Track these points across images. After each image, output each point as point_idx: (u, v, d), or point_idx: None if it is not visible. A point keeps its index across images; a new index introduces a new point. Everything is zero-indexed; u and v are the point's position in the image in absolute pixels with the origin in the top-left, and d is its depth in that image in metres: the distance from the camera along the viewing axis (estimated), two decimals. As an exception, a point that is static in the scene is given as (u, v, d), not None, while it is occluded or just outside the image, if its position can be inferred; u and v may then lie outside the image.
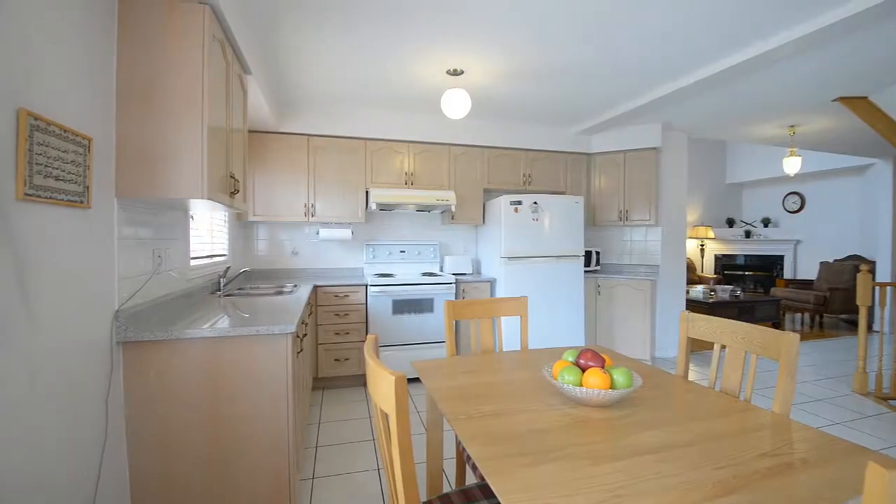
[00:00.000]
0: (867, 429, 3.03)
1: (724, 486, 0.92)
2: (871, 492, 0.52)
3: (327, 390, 3.71)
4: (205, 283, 2.78)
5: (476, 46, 2.75)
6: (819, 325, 6.64)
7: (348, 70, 3.15)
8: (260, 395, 1.85)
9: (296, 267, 4.22)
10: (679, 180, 4.81)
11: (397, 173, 4.13)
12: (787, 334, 1.39)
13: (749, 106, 3.96)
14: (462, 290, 4.05)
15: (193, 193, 1.80)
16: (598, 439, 1.12)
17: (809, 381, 4.02)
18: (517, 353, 1.98)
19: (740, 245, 8.63)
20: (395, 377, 0.93)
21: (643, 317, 4.36)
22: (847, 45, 2.73)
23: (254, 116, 3.41)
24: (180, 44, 1.78)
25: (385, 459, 1.10)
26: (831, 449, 1.09)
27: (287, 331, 1.85)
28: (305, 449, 2.68)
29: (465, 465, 1.85)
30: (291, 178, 3.85)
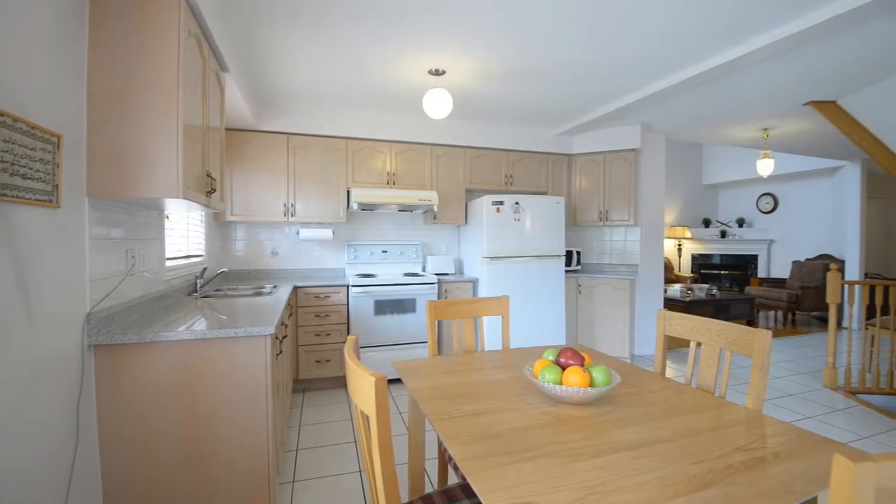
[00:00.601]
0: (837, 422, 3.13)
1: (700, 480, 0.94)
2: (838, 483, 0.54)
3: (308, 392, 3.66)
4: (181, 284, 2.72)
5: (457, 46, 2.76)
6: (792, 322, 6.84)
7: (329, 68, 3.12)
8: (238, 399, 1.82)
9: (275, 268, 4.16)
10: (657, 181, 4.90)
11: (379, 173, 4.11)
12: (759, 332, 1.43)
13: (724, 109, 4.06)
14: (444, 290, 4.05)
15: (168, 193, 1.76)
16: (577, 437, 1.13)
17: (782, 377, 4.13)
18: (499, 352, 1.99)
19: (716, 245, 8.84)
20: (376, 378, 0.92)
21: (623, 315, 4.43)
22: (817, 51, 2.82)
23: (232, 114, 3.36)
24: (155, 39, 1.73)
25: (366, 461, 1.09)
26: (802, 443, 1.12)
27: (266, 332, 1.82)
28: (286, 452, 2.64)
29: (448, 465, 1.85)
30: (271, 177, 3.80)
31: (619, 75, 3.24)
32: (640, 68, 3.10)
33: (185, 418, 1.75)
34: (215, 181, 2.30)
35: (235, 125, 3.64)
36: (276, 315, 2.07)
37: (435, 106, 3.12)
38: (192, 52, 1.91)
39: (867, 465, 0.52)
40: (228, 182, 3.67)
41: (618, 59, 2.95)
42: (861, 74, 3.21)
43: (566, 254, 4.69)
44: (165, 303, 2.39)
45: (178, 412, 1.75)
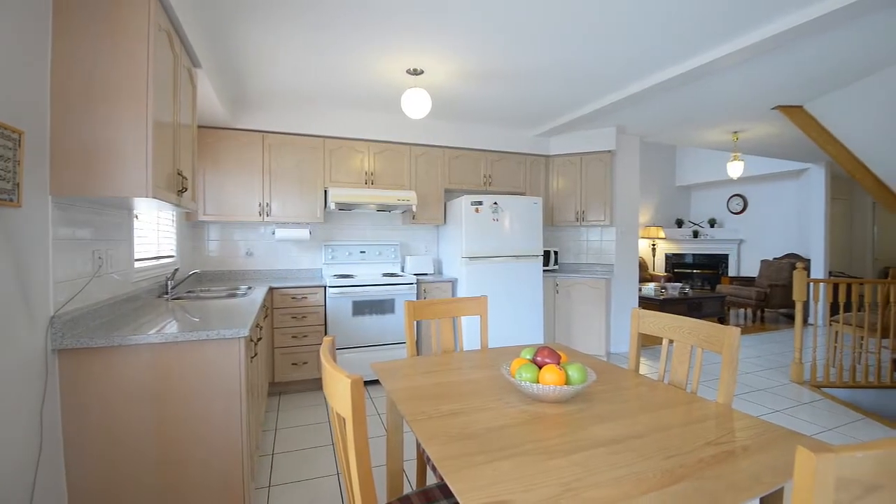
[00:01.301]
0: (803, 415, 3.25)
1: (672, 475, 0.96)
2: (801, 474, 0.56)
3: (284, 395, 3.61)
4: (151, 286, 2.64)
5: (436, 46, 2.76)
6: (760, 319, 7.07)
7: (305, 66, 3.08)
8: (211, 403, 1.78)
9: (250, 268, 4.08)
10: (632, 182, 5.00)
11: (357, 172, 4.07)
12: (728, 328, 1.47)
13: (696, 112, 4.16)
14: (423, 290, 4.04)
15: (137, 192, 1.71)
16: (553, 434, 1.14)
17: (751, 372, 4.26)
18: (477, 352, 2.00)
19: (689, 244, 9.07)
20: (352, 380, 0.91)
21: (599, 314, 4.50)
22: (784, 57, 2.91)
23: (205, 112, 3.28)
24: (123, 34, 1.68)
25: (342, 464, 1.07)
26: (770, 436, 1.15)
27: (240, 335, 1.78)
28: (261, 456, 2.59)
29: (426, 465, 1.84)
30: (246, 176, 3.72)
31: (596, 78, 3.29)
32: (616, 71, 3.16)
33: (155, 424, 1.70)
34: (187, 180, 2.24)
35: (208, 123, 3.56)
36: (251, 317, 2.03)
37: (413, 106, 3.11)
38: (163, 48, 1.86)
39: (828, 456, 0.54)
40: (201, 181, 3.58)
41: (594, 62, 3.00)
42: (825, 81, 3.34)
43: (544, 254, 4.73)
44: (134, 305, 2.32)
45: (149, 418, 1.70)
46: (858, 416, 3.22)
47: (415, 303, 2.10)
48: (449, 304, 2.21)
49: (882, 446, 0.57)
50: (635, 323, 1.84)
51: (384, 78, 3.27)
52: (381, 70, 3.12)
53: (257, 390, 2.41)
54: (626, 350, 4.96)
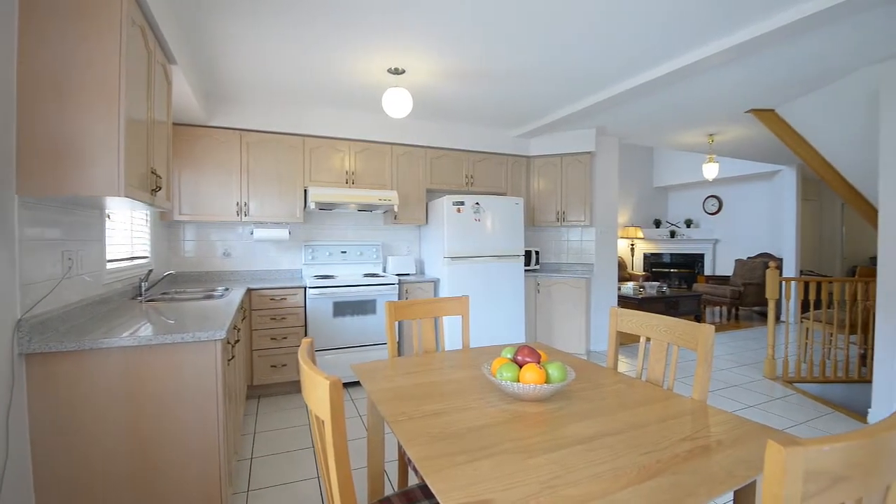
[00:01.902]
0: (776, 410, 3.34)
1: (648, 470, 0.97)
2: (771, 467, 0.57)
3: (263, 398, 3.55)
4: (124, 287, 2.57)
5: (417, 46, 2.75)
6: (735, 316, 7.25)
7: (285, 64, 3.03)
8: (187, 407, 1.74)
9: (228, 269, 4.00)
10: (611, 183, 5.07)
11: (338, 172, 4.04)
12: (703, 326, 1.50)
13: (673, 115, 4.25)
14: (405, 290, 4.02)
15: (109, 190, 1.66)
16: (533, 433, 1.15)
17: (726, 369, 4.37)
18: (459, 352, 2.00)
19: (666, 244, 9.26)
20: (330, 382, 0.90)
21: (579, 313, 4.55)
22: (758, 62, 2.99)
23: (180, 109, 3.21)
24: (94, 28, 1.63)
25: (322, 466, 1.06)
26: (743, 430, 1.18)
27: (216, 337, 1.74)
28: (240, 461, 2.55)
29: (408, 466, 1.84)
30: (223, 175, 3.65)
31: (576, 80, 3.33)
32: (596, 73, 3.20)
33: (128, 430, 1.66)
34: (161, 179, 2.19)
35: (184, 120, 3.48)
36: (228, 318, 1.99)
37: (394, 105, 3.10)
38: (136, 43, 1.82)
39: (796, 450, 0.55)
40: (176, 180, 3.50)
41: (574, 65, 3.03)
42: (797, 85, 3.44)
43: (525, 253, 4.76)
44: (107, 308, 2.25)
45: (122, 423, 1.65)
46: (828, 409, 3.33)
47: (396, 303, 2.09)
48: (430, 305, 2.20)
49: (847, 439, 0.59)
50: (614, 321, 1.86)
51: (365, 77, 3.24)
52: (361, 69, 3.10)
53: (235, 393, 2.36)
54: (606, 348, 5.03)
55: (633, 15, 2.39)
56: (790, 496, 0.56)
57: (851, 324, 4.02)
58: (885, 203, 2.99)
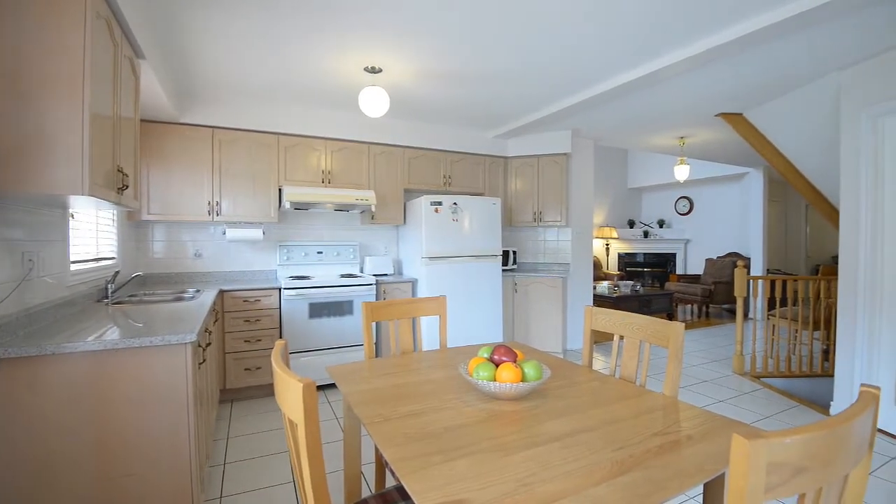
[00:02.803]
0: (744, 404, 3.45)
1: (621, 465, 0.99)
2: (736, 459, 0.59)
3: (237, 402, 3.47)
4: (89, 290, 2.48)
5: (394, 45, 2.73)
6: (706, 314, 7.45)
7: (258, 60, 2.97)
8: (157, 413, 1.69)
9: (199, 270, 3.90)
10: (587, 184, 5.15)
11: (314, 171, 3.98)
12: (673, 324, 1.54)
13: (646, 117, 4.34)
14: (383, 291, 4.00)
15: (72, 189, 1.59)
16: (510, 431, 1.16)
17: (697, 365, 4.48)
18: (436, 352, 2.00)
19: (640, 244, 9.46)
20: (303, 384, 0.88)
21: (556, 312, 4.60)
22: (727, 67, 3.08)
23: (149, 105, 3.11)
24: (56, 20, 1.56)
25: (296, 470, 1.04)
26: (712, 425, 1.22)
27: (186, 340, 1.70)
28: (212, 467, 2.49)
29: (385, 468, 1.82)
30: (193, 173, 3.56)
31: (551, 83, 3.36)
32: (571, 77, 3.24)
33: (94, 438, 1.60)
34: (128, 177, 2.12)
35: (154, 117, 3.38)
36: (199, 321, 1.94)
37: (371, 104, 3.07)
38: (102, 36, 1.75)
39: (760, 442, 0.57)
40: (144, 178, 3.40)
41: (551, 67, 3.06)
42: (763, 90, 3.56)
43: (503, 253, 4.80)
44: (71, 311, 2.17)
45: (87, 431, 1.59)
46: (793, 403, 3.45)
47: (372, 304, 2.08)
48: (408, 305, 2.19)
49: (807, 431, 0.61)
50: (588, 320, 1.89)
51: (342, 75, 3.21)
52: (338, 67, 3.07)
53: (207, 398, 2.30)
54: (581, 347, 5.10)
55: (606, 20, 2.43)
56: (754, 488, 0.58)
57: (815, 320, 4.18)
58: (845, 205, 3.12)
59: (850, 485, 0.75)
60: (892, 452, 2.64)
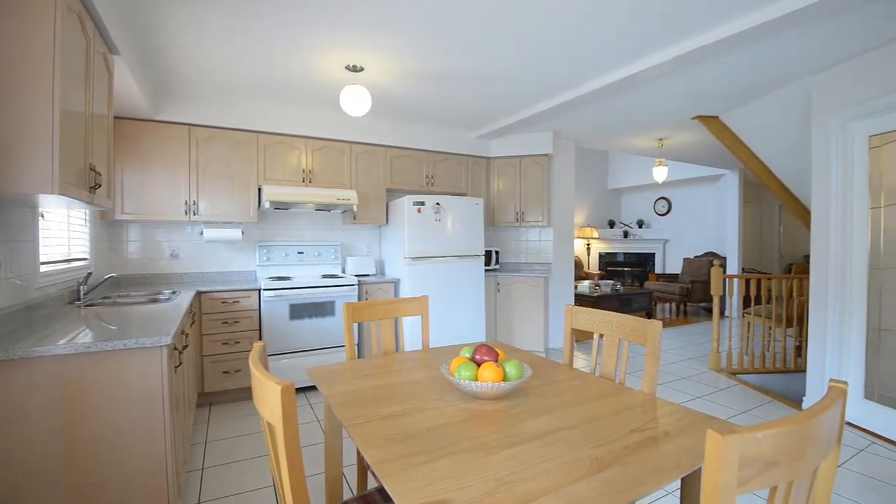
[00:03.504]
0: (721, 400, 3.53)
1: (601, 462, 1.00)
2: (710, 454, 0.60)
3: (215, 406, 3.41)
4: (60, 291, 2.41)
5: (376, 44, 2.72)
6: (684, 312, 7.60)
7: (237, 57, 2.92)
8: (131, 418, 1.64)
9: (175, 271, 3.82)
10: (568, 185, 5.21)
11: (294, 170, 3.93)
12: (651, 322, 1.56)
13: (625, 119, 4.40)
14: (365, 291, 3.97)
15: (41, 188, 1.54)
16: (491, 430, 1.16)
17: (676, 362, 4.57)
18: (418, 352, 1.99)
19: (620, 244, 9.60)
20: (282, 387, 0.87)
21: (538, 311, 4.64)
22: (704, 71, 3.14)
23: (124, 102, 3.03)
24: (25, 14, 1.51)
25: (275, 474, 1.03)
26: (689, 421, 1.24)
27: (162, 343, 1.66)
28: (189, 472, 2.43)
29: (367, 470, 1.81)
30: (170, 172, 3.47)
31: (532, 84, 3.39)
32: (552, 79, 3.27)
33: (65, 444, 1.55)
34: (100, 175, 2.06)
35: (128, 114, 3.29)
36: (175, 323, 1.90)
37: (352, 103, 3.05)
38: (73, 31, 1.70)
39: (733, 437, 0.58)
40: (119, 177, 3.31)
41: (532, 69, 3.08)
42: (739, 94, 3.64)
43: (485, 253, 4.81)
44: (41, 313, 2.10)
45: (58, 438, 1.54)
46: (768, 398, 3.55)
47: (354, 304, 2.06)
48: (390, 305, 2.18)
49: (778, 426, 0.62)
50: (569, 319, 1.91)
51: (322, 73, 3.18)
52: (319, 65, 3.04)
53: (184, 402, 2.26)
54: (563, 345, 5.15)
55: (587, 24, 2.46)
56: (727, 482, 0.59)
57: (788, 318, 4.31)
58: (816, 205, 3.22)
59: (819, 477, 0.78)
60: (861, 445, 2.74)
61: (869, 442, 2.77)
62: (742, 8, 2.29)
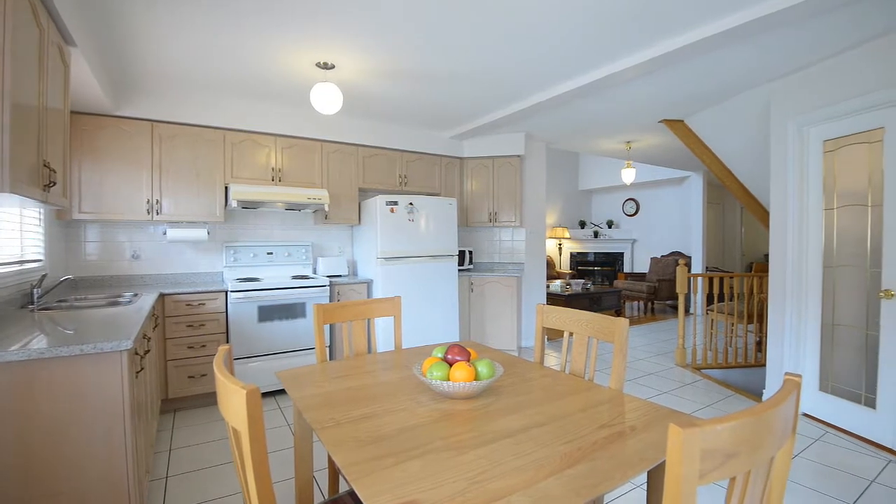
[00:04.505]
0: (686, 395, 3.64)
1: (570, 458, 1.01)
2: (672, 447, 0.62)
3: (180, 412, 3.30)
4: (11, 294, 2.28)
5: (347, 41, 2.68)
6: (651, 310, 7.81)
7: (203, 51, 2.83)
8: (89, 426, 1.57)
9: (137, 273, 3.67)
10: (539, 186, 5.27)
11: (263, 168, 3.84)
12: (618, 320, 1.60)
13: (594, 123, 4.49)
14: (337, 292, 3.92)
15: (-11, 185, 1.46)
16: (462, 430, 1.16)
17: (643, 359, 4.69)
18: (391, 353, 1.98)
19: (590, 244, 9.79)
20: (247, 391, 0.85)
21: (511, 310, 4.68)
22: (669, 76, 3.24)
23: (82, 96, 2.90)
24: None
25: (241, 480, 1.00)
26: (654, 415, 1.27)
27: (122, 347, 1.59)
28: (153, 481, 2.35)
29: (338, 473, 1.79)
30: (131, 169, 3.34)
31: (504, 86, 3.41)
32: (522, 81, 3.31)
33: (17, 456, 1.46)
34: (55, 173, 1.97)
35: (87, 109, 3.15)
36: (136, 327, 1.83)
37: (323, 101, 3.00)
38: (25, 20, 1.62)
39: (693, 431, 0.60)
40: (76, 174, 3.16)
41: (502, 72, 3.10)
42: (703, 99, 3.77)
43: (459, 253, 4.83)
44: (-12, 318, 1.98)
45: (10, 448, 1.45)
46: (730, 392, 3.68)
47: (325, 305, 2.03)
48: (361, 306, 2.16)
49: (736, 418, 0.65)
50: (540, 318, 1.93)
51: (292, 70, 3.12)
52: (289, 61, 2.97)
53: (146, 408, 2.17)
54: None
55: (556, 30, 2.50)
56: (689, 474, 0.61)
57: (749, 314, 4.48)
58: (774, 207, 3.36)
59: (775, 466, 0.81)
60: (817, 434, 2.87)
61: (823, 431, 2.91)
62: (701, 20, 2.37)
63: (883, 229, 2.66)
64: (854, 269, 2.86)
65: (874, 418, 2.72)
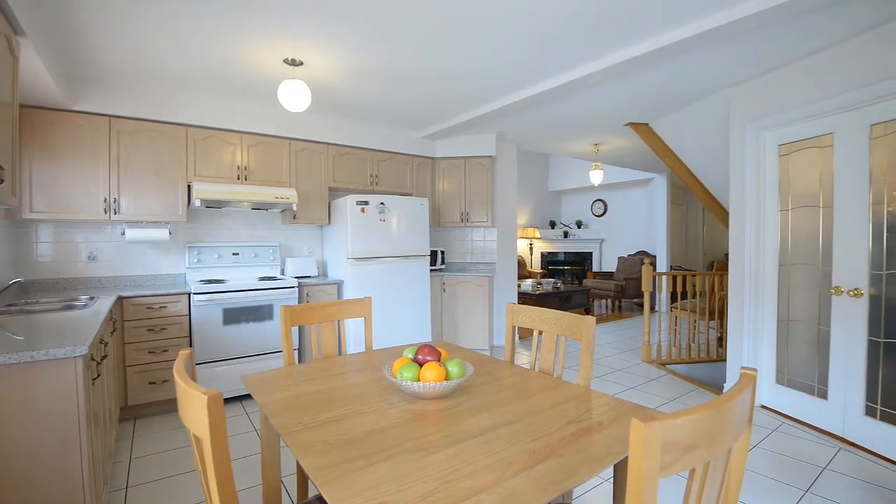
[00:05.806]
0: (652, 390, 3.74)
1: (538, 455, 1.03)
2: (634, 441, 0.63)
3: (141, 419, 3.17)
4: (-47, 299, 2.14)
5: (315, 38, 2.63)
6: (618, 308, 8.00)
7: (165, 44, 2.73)
8: (42, 437, 1.49)
9: (94, 275, 3.51)
10: (511, 186, 5.33)
11: (228, 166, 3.74)
12: (586, 318, 1.63)
13: (563, 125, 4.57)
14: (306, 293, 3.85)
15: (-75, 182, 1.37)
16: (433, 430, 1.16)
17: (611, 356, 4.80)
18: (361, 355, 1.96)
19: (560, 244, 9.96)
20: (209, 396, 0.82)
21: (483, 310, 4.71)
22: (634, 80, 3.32)
23: (32, 89, 2.75)
24: None
25: (204, 489, 0.97)
26: (620, 411, 1.30)
27: (76, 353, 1.51)
28: (112, 492, 2.25)
29: (307, 478, 1.76)
30: (87, 166, 3.18)
31: (473, 88, 3.44)
32: (491, 83, 3.34)
33: (-45, 470, 1.38)
34: (3, 170, 1.86)
35: (38, 103, 2.99)
36: (92, 331, 1.74)
37: (291, 98, 2.94)
38: (-37, 6, 1.52)
39: (654, 425, 0.62)
40: (27, 171, 3.00)
41: (471, 74, 3.12)
42: (666, 103, 3.89)
43: (431, 253, 4.82)
44: (-74, 324, 1.86)
45: (-54, 463, 1.37)
46: (693, 387, 3.81)
47: (292, 307, 1.99)
48: (331, 308, 2.13)
49: (695, 412, 0.67)
50: (510, 317, 1.95)
51: (259, 65, 3.04)
52: (255, 56, 2.90)
53: (104, 416, 2.08)
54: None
55: (524, 34, 2.53)
56: (651, 467, 0.62)
57: (711, 311, 4.65)
58: (733, 208, 3.50)
59: (733, 456, 0.84)
60: (774, 425, 3.00)
61: (780, 422, 3.05)
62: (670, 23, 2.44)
63: (833, 230, 2.81)
64: (807, 268, 3.00)
65: (826, 408, 2.87)
